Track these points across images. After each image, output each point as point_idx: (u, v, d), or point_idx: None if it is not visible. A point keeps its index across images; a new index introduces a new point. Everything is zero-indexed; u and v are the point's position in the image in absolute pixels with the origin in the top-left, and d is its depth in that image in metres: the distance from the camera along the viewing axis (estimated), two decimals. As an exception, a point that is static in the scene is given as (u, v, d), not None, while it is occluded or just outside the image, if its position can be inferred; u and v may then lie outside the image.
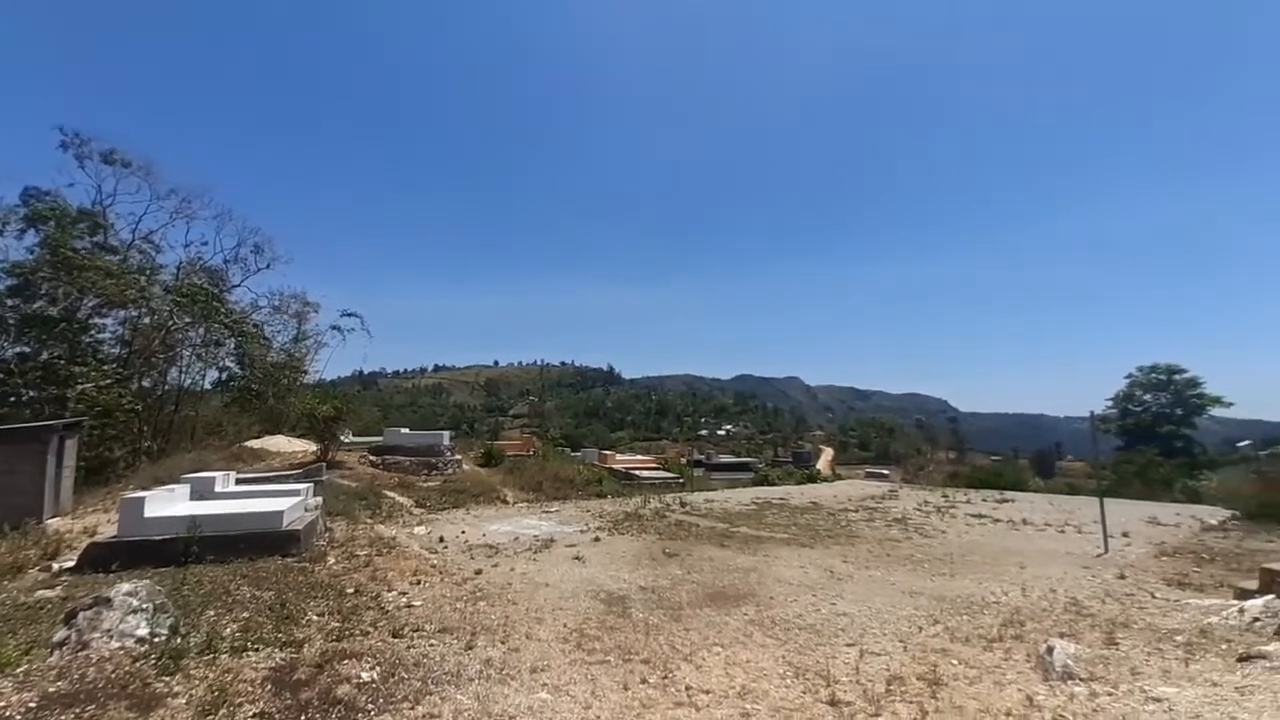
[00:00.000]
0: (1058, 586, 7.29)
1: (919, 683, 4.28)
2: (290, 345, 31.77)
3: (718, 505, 15.13)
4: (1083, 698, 3.69)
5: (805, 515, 13.38)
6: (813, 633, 5.58)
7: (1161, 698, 3.52)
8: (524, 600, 6.54)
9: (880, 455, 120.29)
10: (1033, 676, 4.26)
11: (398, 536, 10.15)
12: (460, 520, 12.32)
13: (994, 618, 5.93)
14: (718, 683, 4.41)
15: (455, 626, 5.57)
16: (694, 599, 6.68)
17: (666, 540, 10.21)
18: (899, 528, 11.77)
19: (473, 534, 10.58)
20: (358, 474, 18.32)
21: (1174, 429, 31.36)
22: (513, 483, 20.03)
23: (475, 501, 15.60)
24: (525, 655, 4.92)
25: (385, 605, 6.20)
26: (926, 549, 9.78)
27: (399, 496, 15.33)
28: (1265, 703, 3.22)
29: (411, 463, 20.52)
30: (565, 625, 5.70)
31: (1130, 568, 8.40)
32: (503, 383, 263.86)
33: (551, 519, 12.67)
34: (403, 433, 23.97)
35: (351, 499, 13.77)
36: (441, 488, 17.42)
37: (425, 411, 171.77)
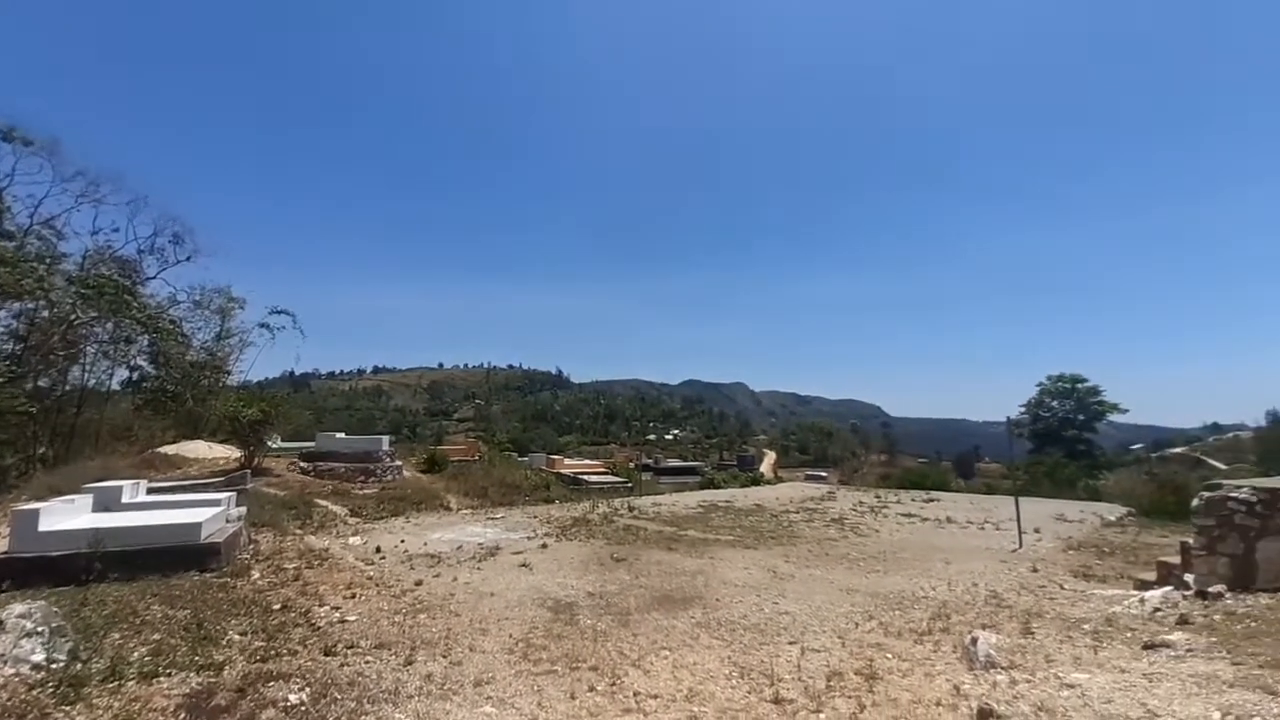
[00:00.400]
0: (979, 580, 7.79)
1: (856, 677, 4.45)
2: (212, 343, 29.48)
3: (665, 509, 15.24)
4: (1004, 685, 3.95)
5: (750, 517, 13.69)
6: (757, 632, 5.71)
7: (1075, 684, 3.82)
8: (467, 611, 6.35)
9: (819, 458, 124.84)
10: (959, 667, 4.52)
11: (331, 548, 9.63)
12: (400, 529, 11.83)
13: (923, 612, 6.26)
14: (665, 686, 4.43)
15: (393, 641, 5.33)
16: (642, 603, 6.69)
17: (615, 545, 10.18)
18: (836, 528, 12.25)
19: (413, 543, 10.17)
20: (287, 482, 17.26)
21: (1077, 433, 34.37)
22: (457, 489, 19.42)
23: (416, 509, 15.00)
24: (468, 668, 4.77)
25: (316, 621, 5.85)
26: (861, 547, 10.22)
27: (332, 505, 14.55)
28: (1174, 690, 3.53)
29: (347, 469, 19.52)
30: (511, 635, 5.57)
31: (1042, 561, 9.08)
32: (447, 385, 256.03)
33: (497, 526, 12.38)
34: (338, 437, 22.76)
35: (279, 508, 12.95)
36: (380, 495, 16.66)
37: (363, 415, 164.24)
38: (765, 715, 3.93)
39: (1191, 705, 3.28)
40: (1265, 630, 4.29)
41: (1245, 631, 4.36)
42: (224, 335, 29.91)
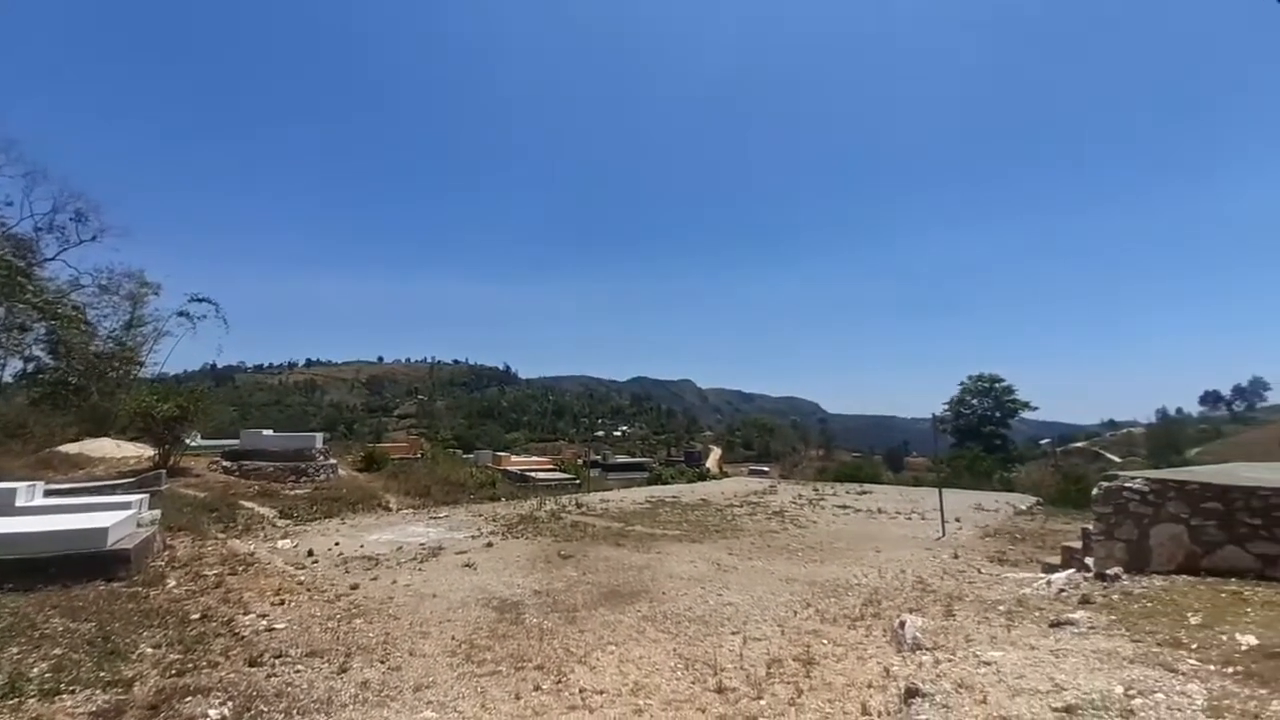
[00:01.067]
0: (907, 567, 8.26)
1: (795, 663, 4.63)
2: (122, 332, 26.95)
3: (613, 505, 15.27)
4: (929, 665, 4.21)
5: (695, 512, 13.93)
6: (702, 624, 5.83)
7: (991, 661, 4.12)
8: (407, 614, 6.15)
9: (762, 454, 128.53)
10: (889, 649, 4.79)
11: (257, 552, 9.08)
12: (334, 531, 11.29)
13: (857, 599, 6.59)
14: (611, 682, 4.46)
15: (326, 648, 5.10)
16: (589, 600, 6.69)
17: (562, 542, 10.12)
18: (777, 520, 12.66)
19: (349, 545, 9.74)
20: (207, 482, 16.11)
21: (994, 429, 37.16)
22: (397, 488, 18.72)
23: (353, 510, 14.35)
24: (408, 673, 4.62)
25: (240, 631, 5.51)
26: (801, 539, 10.62)
27: (259, 507, 13.70)
28: (1079, 665, 3.85)
29: (275, 468, 18.41)
30: (453, 638, 5.44)
31: (962, 548, 9.73)
32: (388, 380, 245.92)
33: (440, 525, 12.03)
34: (265, 435, 21.43)
35: (199, 511, 12.07)
36: (312, 496, 15.82)
37: (294, 411, 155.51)
38: (708, 705, 4.03)
39: (1095, 679, 3.60)
40: (1159, 610, 4.76)
41: (1141, 611, 4.82)
42: (135, 324, 27.40)
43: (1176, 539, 5.64)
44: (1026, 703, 3.39)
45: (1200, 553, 5.50)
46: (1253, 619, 4.18)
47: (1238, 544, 5.31)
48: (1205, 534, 5.48)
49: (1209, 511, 5.47)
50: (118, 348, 26.41)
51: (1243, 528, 5.30)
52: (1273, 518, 5.15)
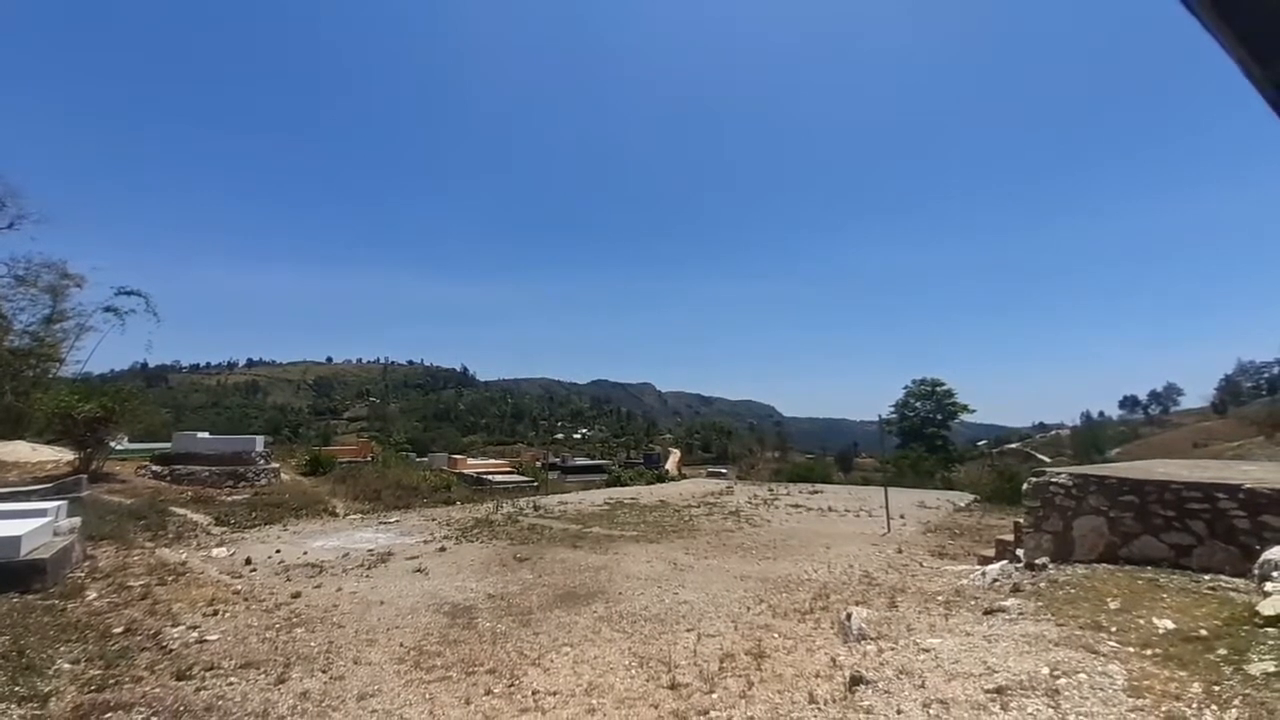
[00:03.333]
0: (855, 562, 8.55)
1: (746, 657, 4.72)
2: (40, 327, 24.86)
3: (571, 507, 15.16)
4: (872, 654, 4.37)
5: (653, 513, 13.99)
6: (657, 622, 5.86)
7: (930, 648, 4.31)
8: (353, 622, 5.93)
9: (720, 455, 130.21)
10: (836, 641, 4.94)
11: (189, 561, 8.57)
12: (275, 538, 10.77)
13: (807, 593, 6.77)
14: (565, 683, 4.43)
15: (263, 659, 4.85)
16: (544, 602, 6.62)
17: (518, 545, 9.98)
18: (733, 520, 12.87)
19: (291, 553, 9.31)
20: (134, 488, 15.08)
21: (936, 430, 38.97)
22: (345, 493, 18.01)
23: (296, 516, 13.72)
24: (352, 682, 4.46)
25: (167, 644, 5.18)
26: (755, 537, 10.83)
27: (192, 514, 12.92)
28: (1009, 649, 4.09)
29: (211, 473, 17.41)
30: (401, 645, 5.28)
31: (906, 543, 10.15)
32: (337, 381, 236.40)
33: (391, 530, 11.66)
34: (200, 437, 20.23)
35: (124, 519, 11.28)
36: (251, 501, 15.03)
37: (234, 413, 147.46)
38: (661, 701, 4.05)
39: (1024, 662, 3.83)
40: (1082, 596, 5.09)
41: (1066, 597, 5.15)
42: (55, 318, 25.31)
43: (1097, 530, 6.05)
44: (961, 686, 3.56)
45: (1119, 543, 5.91)
46: (1168, 605, 4.51)
47: (1152, 534, 5.74)
48: (1123, 525, 5.90)
49: (1126, 504, 5.90)
50: (35, 344, 24.36)
51: (1157, 519, 5.72)
52: (1184, 510, 5.58)
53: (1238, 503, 5.29)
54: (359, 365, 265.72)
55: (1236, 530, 5.26)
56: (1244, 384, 79.85)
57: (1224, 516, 5.34)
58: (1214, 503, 5.41)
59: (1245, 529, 5.21)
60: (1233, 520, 5.29)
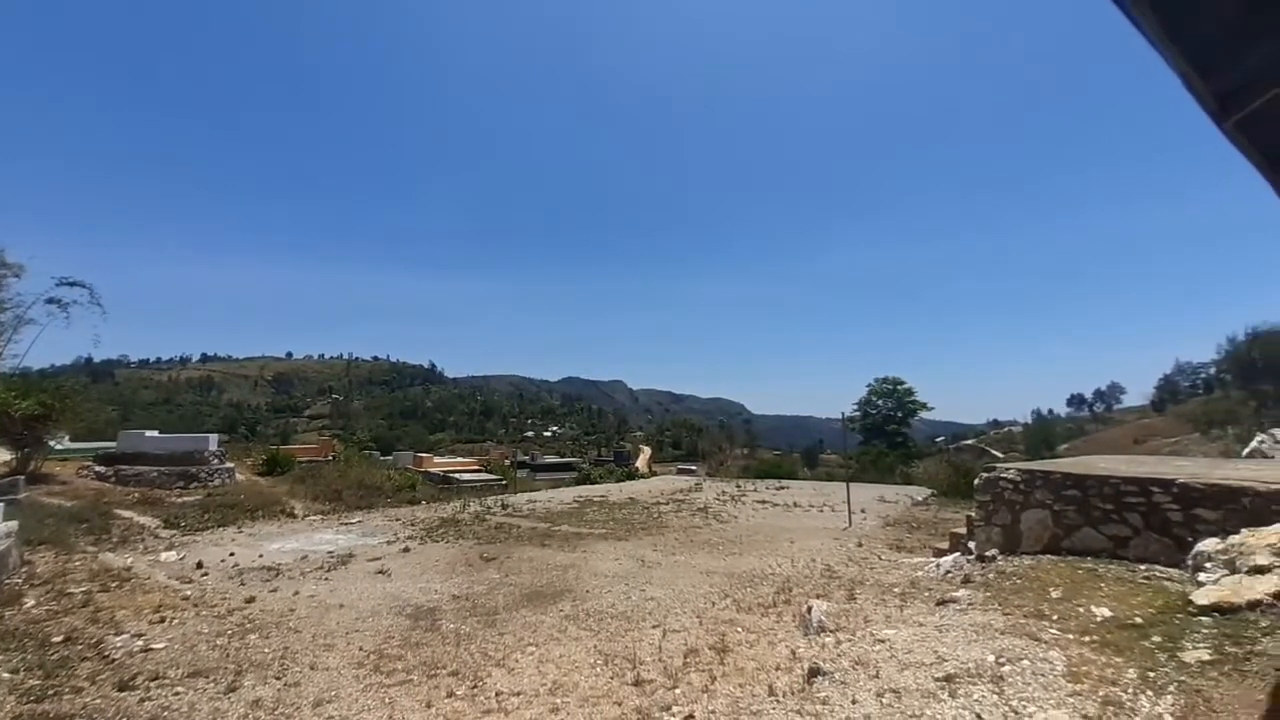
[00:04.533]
0: (817, 556, 8.74)
1: (710, 652, 4.78)
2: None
3: (540, 505, 15.07)
4: (831, 645, 4.49)
5: (623, 510, 14.02)
6: (623, 620, 5.88)
7: (885, 639, 4.45)
8: (310, 627, 5.77)
9: (690, 453, 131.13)
10: (797, 633, 5.05)
11: (135, 566, 8.19)
12: (229, 541, 10.39)
13: (770, 587, 6.89)
14: (529, 683, 4.40)
15: (213, 667, 4.69)
16: (511, 601, 6.57)
17: (485, 544, 9.87)
18: (701, 516, 13.00)
19: (246, 556, 9.00)
20: (76, 490, 14.32)
21: (896, 427, 40.15)
22: (304, 493, 17.48)
23: (251, 518, 13.25)
24: (307, 689, 4.34)
25: (110, 653, 4.95)
26: (722, 533, 10.97)
27: (139, 516, 12.35)
28: (959, 638, 4.25)
29: (160, 474, 16.68)
30: (361, 649, 5.17)
31: (866, 537, 10.44)
32: (297, 378, 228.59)
33: (352, 531, 11.38)
34: (148, 436, 19.35)
35: (65, 522, 10.71)
36: (204, 503, 14.46)
37: (187, 411, 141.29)
38: (625, 698, 4.08)
39: (972, 650, 3.99)
40: (1026, 586, 5.33)
41: (1012, 587, 5.38)
42: (-10, 310, 23.77)
43: (1043, 522, 6.34)
44: (913, 675, 3.69)
45: (1062, 534, 6.20)
46: (1106, 593, 4.75)
47: (1093, 526, 6.04)
48: (1066, 518, 6.20)
49: (1069, 498, 6.19)
50: (-36, 337, 22.82)
51: (1097, 512, 6.03)
52: (1122, 503, 5.89)
53: (1171, 496, 5.61)
54: (321, 361, 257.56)
55: (1170, 523, 5.57)
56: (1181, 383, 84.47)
57: (1159, 510, 5.65)
58: (1149, 496, 5.72)
59: (1179, 521, 5.52)
60: (1167, 513, 5.61)
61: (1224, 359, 51.38)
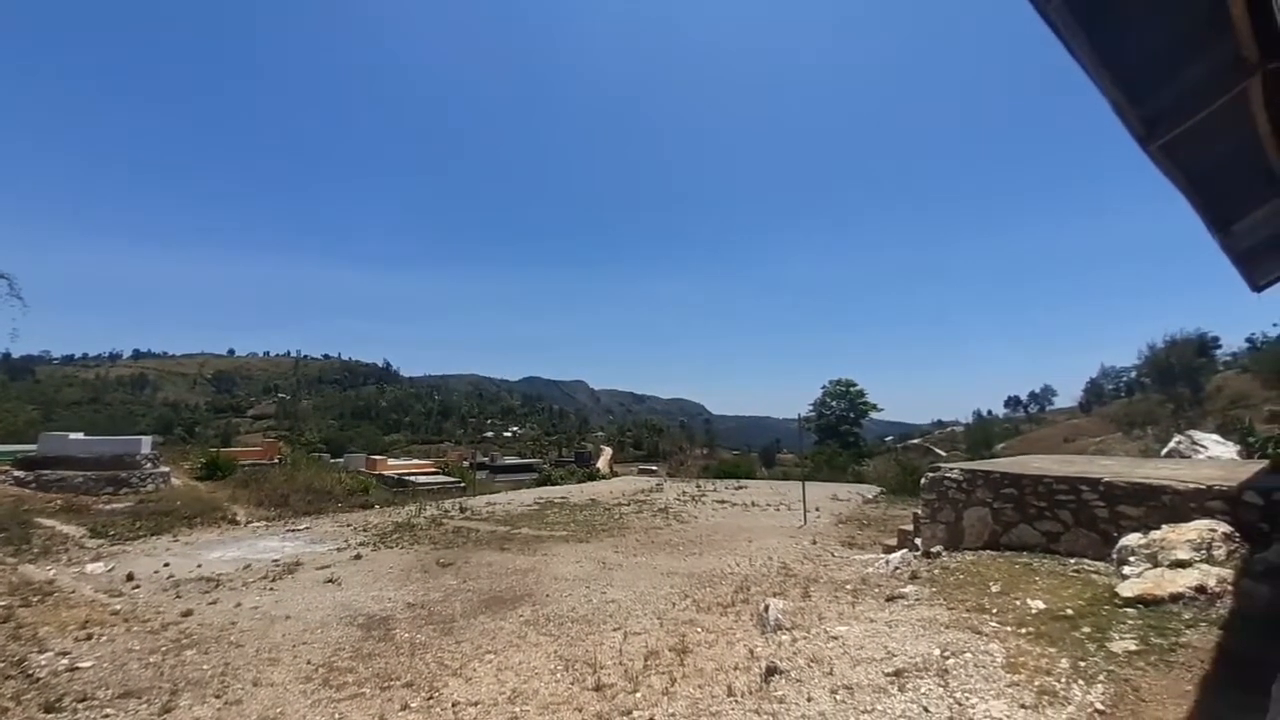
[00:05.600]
0: (774, 554, 8.94)
1: (670, 654, 4.83)
2: None
3: (500, 508, 14.84)
4: (787, 643, 4.61)
5: (584, 512, 13.96)
6: (584, 623, 5.87)
7: (838, 635, 4.60)
8: (253, 640, 5.51)
9: (651, 453, 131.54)
10: (755, 632, 5.16)
11: (58, 578, 7.63)
12: (164, 550, 9.81)
13: (729, 587, 7.01)
14: (487, 691, 4.34)
15: (146, 687, 4.42)
16: (468, 608, 6.45)
17: (442, 549, 9.65)
18: (662, 517, 13.09)
19: (182, 566, 8.52)
20: (-12, 498, 13.21)
21: (849, 428, 41.59)
22: (247, 498, 16.64)
23: (189, 525, 12.54)
24: (250, 707, 4.15)
25: (34, 671, 4.60)
26: (682, 533, 11.07)
27: (62, 525, 11.50)
28: (907, 633, 4.43)
29: (86, 479, 15.58)
30: (309, 662, 4.97)
31: (820, 534, 10.74)
32: (240, 376, 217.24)
33: (299, 538, 10.92)
34: (73, 439, 18.04)
35: (-25, 534, 9.87)
36: (135, 510, 13.59)
37: (116, 411, 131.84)
38: (586, 704, 4.07)
39: (920, 644, 4.16)
40: (969, 581, 5.60)
41: (955, 582, 5.65)
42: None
43: (983, 520, 6.68)
44: (865, 671, 3.83)
45: (1000, 531, 6.56)
46: (1040, 586, 5.05)
47: (1028, 523, 6.41)
48: (1004, 515, 6.56)
49: (1007, 496, 6.55)
50: None
51: (1032, 509, 6.40)
52: (1054, 501, 6.26)
53: (1098, 494, 6.01)
54: (266, 359, 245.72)
55: (1097, 519, 5.97)
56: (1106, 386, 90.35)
57: (1087, 506, 6.05)
58: (1079, 494, 6.11)
59: (1105, 517, 5.92)
60: (1094, 510, 6.00)
61: (1144, 364, 55.30)
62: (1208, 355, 55.66)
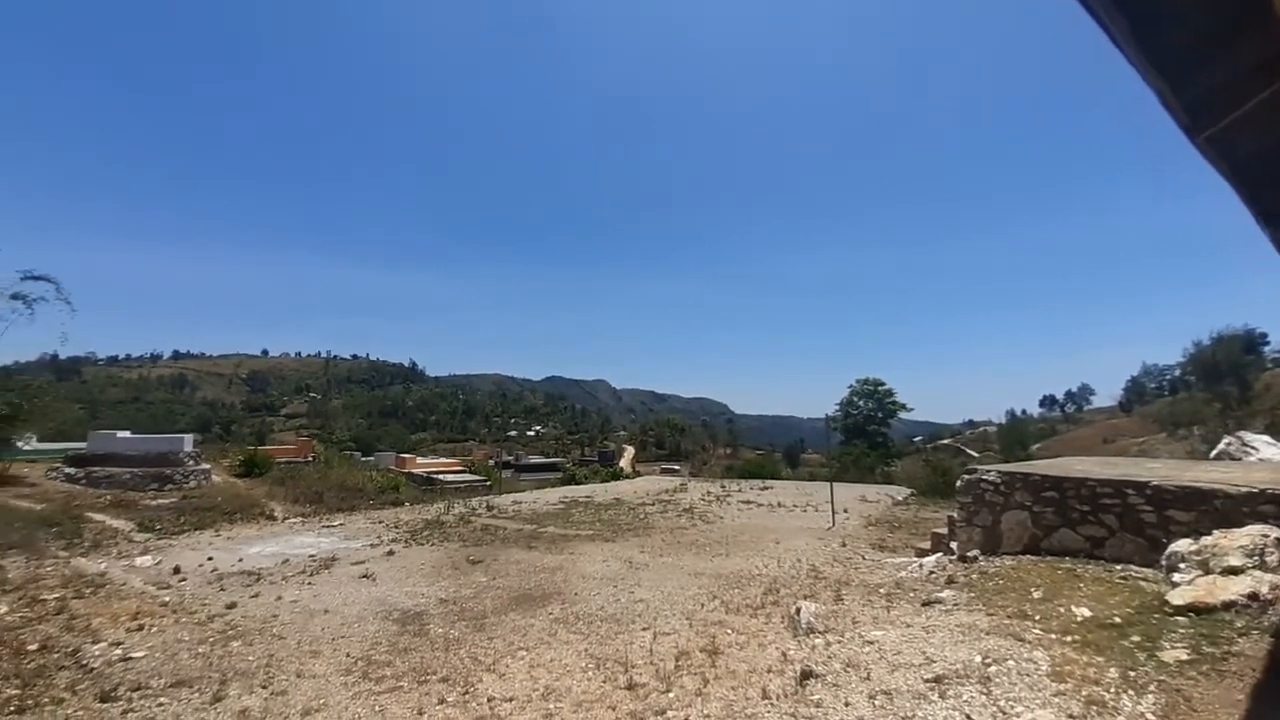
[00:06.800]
0: (802, 556, 8.84)
1: (702, 654, 4.81)
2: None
3: (526, 507, 15.00)
4: (821, 647, 4.56)
5: (609, 511, 14.02)
6: (613, 622, 5.89)
7: (874, 640, 4.53)
8: (294, 633, 5.68)
9: (674, 453, 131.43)
10: (786, 635, 5.11)
11: (109, 571, 7.98)
12: (206, 545, 10.17)
13: (758, 588, 6.95)
14: (521, 688, 4.39)
15: (196, 676, 4.59)
16: (499, 605, 6.53)
17: (471, 547, 9.79)
18: (687, 517, 13.06)
19: (224, 560, 8.82)
20: (45, 492, 13.89)
21: (877, 428, 40.80)
22: (283, 495, 17.15)
23: (229, 520, 12.97)
24: (295, 697, 4.28)
25: (88, 662, 4.82)
26: (708, 534, 11.03)
27: (112, 519, 12.01)
28: (946, 639, 4.35)
29: (133, 475, 16.25)
30: (349, 655, 5.10)
31: (849, 537, 10.58)
32: (273, 376, 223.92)
33: (334, 534, 11.21)
34: (120, 437, 18.83)
35: (35, 526, 10.38)
36: (180, 505, 14.12)
37: (158, 410, 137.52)
38: (619, 702, 4.09)
39: (959, 651, 4.08)
40: (1009, 586, 5.47)
41: (995, 588, 5.52)
42: (-54, 306, 22.89)
43: (1023, 524, 6.51)
44: (903, 676, 3.77)
45: (1041, 535, 6.38)
46: (1085, 593, 4.90)
47: (1070, 527, 6.22)
48: (1044, 519, 6.37)
49: (1048, 499, 6.37)
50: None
51: (1074, 513, 6.21)
52: (1098, 505, 6.07)
53: (1145, 498, 5.80)
54: (298, 359, 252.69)
55: (1144, 524, 5.76)
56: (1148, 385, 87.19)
57: (1133, 511, 5.84)
58: (1124, 498, 5.91)
59: (1152, 523, 5.72)
60: (1141, 514, 5.80)
61: (1189, 361, 53.14)
62: (1256, 352, 53.29)
